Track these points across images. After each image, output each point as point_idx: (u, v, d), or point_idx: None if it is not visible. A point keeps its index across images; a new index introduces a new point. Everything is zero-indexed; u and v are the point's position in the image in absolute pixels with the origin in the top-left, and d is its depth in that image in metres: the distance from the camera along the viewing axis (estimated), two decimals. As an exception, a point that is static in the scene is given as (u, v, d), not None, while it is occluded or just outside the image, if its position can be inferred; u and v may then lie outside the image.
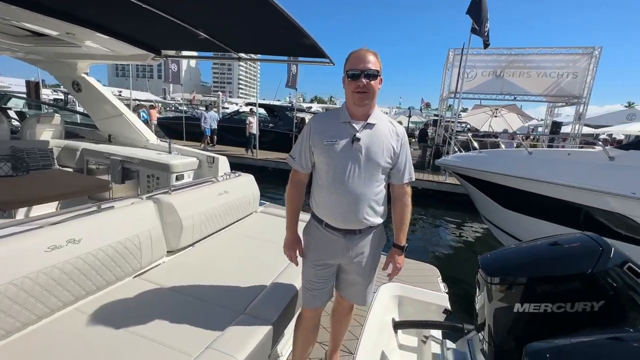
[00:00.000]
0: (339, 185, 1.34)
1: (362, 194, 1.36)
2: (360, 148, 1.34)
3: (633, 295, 1.24)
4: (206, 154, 3.73)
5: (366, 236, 1.45)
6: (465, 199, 6.54)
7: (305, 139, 1.42)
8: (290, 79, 11.83)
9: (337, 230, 1.40)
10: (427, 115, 22.04)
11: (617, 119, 19.29)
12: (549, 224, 3.93)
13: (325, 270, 1.48)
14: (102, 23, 2.57)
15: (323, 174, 1.39)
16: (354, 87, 1.31)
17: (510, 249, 1.68)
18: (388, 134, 1.40)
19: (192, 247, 2.19)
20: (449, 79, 12.10)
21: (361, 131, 1.36)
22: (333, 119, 1.41)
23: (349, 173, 1.34)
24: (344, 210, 1.36)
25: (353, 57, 1.34)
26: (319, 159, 1.39)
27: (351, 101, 1.36)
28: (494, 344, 1.56)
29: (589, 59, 10.62)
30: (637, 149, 3.43)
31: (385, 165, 1.39)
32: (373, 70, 1.31)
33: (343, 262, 1.48)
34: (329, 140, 1.35)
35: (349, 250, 1.43)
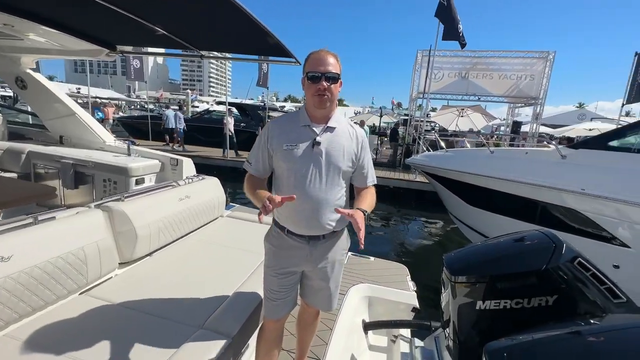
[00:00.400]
0: (301, 190, 1.30)
1: (324, 199, 1.33)
2: (320, 152, 1.32)
3: (582, 288, 1.30)
4: (169, 155, 3.54)
5: (330, 241, 1.42)
6: (434, 197, 6.74)
7: (264, 144, 1.37)
8: (261, 78, 11.65)
9: (300, 237, 1.37)
10: (398, 114, 22.57)
11: (570, 118, 20.94)
12: (511, 219, 4.14)
13: (289, 279, 1.43)
14: (45, 15, 2.34)
15: (284, 180, 1.35)
16: (314, 90, 1.28)
17: (473, 247, 1.73)
18: (348, 138, 1.38)
19: (149, 257, 2.05)
20: (417, 80, 12.44)
21: (321, 135, 1.33)
22: (292, 123, 1.37)
23: (311, 178, 1.31)
24: (307, 216, 1.33)
25: (313, 58, 1.29)
26: (279, 164, 1.35)
27: (311, 104, 1.32)
28: (458, 341, 1.60)
29: (544, 63, 11.35)
30: (585, 148, 3.70)
31: (347, 169, 1.37)
32: (334, 74, 1.28)
33: (307, 268, 1.44)
34: (289, 145, 1.31)
35: (313, 256, 1.39)
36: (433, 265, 5.43)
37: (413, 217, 8.42)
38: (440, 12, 8.98)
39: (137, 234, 1.89)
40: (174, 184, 2.51)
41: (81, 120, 3.72)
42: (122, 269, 1.88)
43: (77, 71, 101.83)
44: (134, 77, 13.01)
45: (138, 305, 1.54)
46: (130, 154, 3.52)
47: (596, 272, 1.31)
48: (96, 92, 27.84)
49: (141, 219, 1.94)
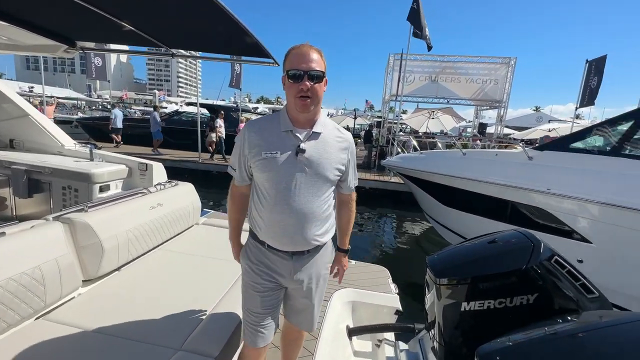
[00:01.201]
0: (283, 203, 1.18)
1: (310, 213, 1.21)
2: (305, 161, 1.18)
3: (559, 284, 1.34)
4: (137, 160, 3.30)
5: (315, 255, 1.30)
6: (409, 198, 6.89)
7: (241, 150, 1.24)
8: (234, 78, 11.35)
9: (282, 252, 1.25)
10: (372, 116, 22.99)
11: (528, 120, 22.45)
12: (484, 219, 4.30)
13: (271, 297, 1.30)
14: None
15: (264, 191, 1.22)
16: (296, 90, 1.13)
17: (455, 248, 1.75)
18: (336, 144, 1.27)
19: (117, 273, 1.88)
20: (390, 82, 12.74)
21: (306, 141, 1.19)
22: (272, 127, 1.22)
23: (295, 189, 1.18)
24: (291, 231, 1.21)
25: (294, 54, 1.15)
26: (258, 173, 1.21)
27: (293, 107, 1.18)
28: (444, 342, 1.60)
29: (507, 68, 12.04)
30: (550, 150, 3.93)
31: (335, 178, 1.27)
32: (318, 71, 1.13)
33: (290, 286, 1.33)
34: (269, 152, 1.17)
35: (297, 273, 1.28)
36: (412, 265, 5.56)
37: (390, 218, 8.57)
38: (412, 15, 9.26)
39: (104, 248, 1.72)
40: (145, 191, 2.33)
41: (35, 122, 3.38)
42: (86, 287, 1.70)
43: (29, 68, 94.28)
44: (96, 76, 12.24)
45: (105, 328, 1.38)
46: (93, 158, 3.25)
47: (571, 269, 1.36)
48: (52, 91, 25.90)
49: (107, 230, 1.77)
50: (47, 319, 1.41)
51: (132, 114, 23.25)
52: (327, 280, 1.45)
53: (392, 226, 8.12)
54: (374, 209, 8.88)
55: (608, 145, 3.65)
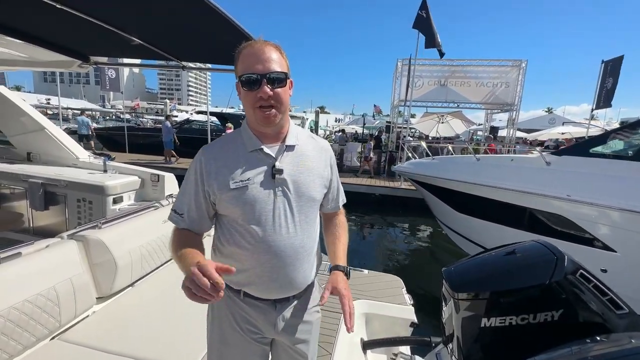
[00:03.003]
0: (269, 241, 0.95)
1: (302, 247, 0.99)
2: (285, 182, 0.97)
3: (586, 300, 1.27)
4: (150, 171, 3.34)
5: (301, 298, 1.07)
6: (420, 203, 6.78)
7: (197, 186, 0.96)
8: (243, 87, 11.48)
9: (263, 301, 1.01)
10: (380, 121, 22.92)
11: (541, 122, 21.99)
12: (500, 226, 4.18)
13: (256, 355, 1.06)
14: (10, 24, 2.15)
15: (239, 229, 0.96)
16: (253, 99, 0.91)
17: (472, 260, 1.68)
18: (315, 155, 1.05)
19: (131, 288, 1.87)
20: (398, 88, 12.67)
21: (280, 158, 0.98)
22: (235, 149, 0.98)
23: (280, 221, 0.96)
24: (280, 275, 0.97)
25: (246, 54, 0.91)
26: (228, 209, 0.95)
27: (254, 120, 0.95)
28: (463, 357, 1.53)
29: (518, 71, 11.85)
30: (568, 155, 3.81)
31: (320, 197, 1.06)
32: (279, 73, 0.90)
33: (276, 337, 1.08)
34: (238, 182, 0.93)
35: (280, 324, 1.03)
36: (426, 275, 5.44)
37: (401, 225, 8.44)
38: (418, 23, 9.24)
39: (117, 264, 1.72)
40: (157, 204, 2.34)
41: (51, 135, 3.47)
42: (100, 304, 1.70)
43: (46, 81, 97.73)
44: (109, 88, 12.55)
45: (119, 348, 1.37)
46: (107, 170, 3.30)
47: (598, 284, 1.29)
48: (68, 103, 26.72)
49: (121, 247, 1.76)
50: (62, 339, 1.40)
51: (145, 123, 23.79)
52: (320, 322, 1.19)
53: (404, 233, 7.99)
54: (385, 216, 8.78)
55: (630, 149, 3.52)
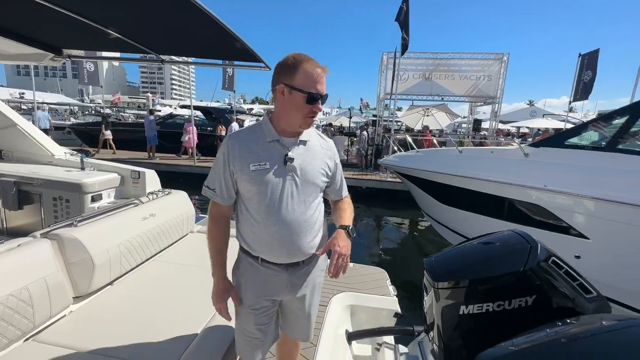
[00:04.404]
0: (277, 215, 1.16)
1: (305, 221, 1.20)
2: (294, 169, 1.18)
3: (557, 285, 1.33)
4: (130, 168, 3.25)
5: (309, 265, 1.29)
6: (406, 196, 6.88)
7: (225, 165, 1.18)
8: (226, 81, 11.28)
9: (277, 265, 1.22)
10: (367, 115, 22.99)
11: (522, 115, 22.58)
12: (481, 216, 4.29)
13: (266, 315, 1.27)
14: None
15: (254, 204, 1.18)
16: (309, 111, 1.14)
17: (452, 251, 1.73)
18: (321, 150, 1.28)
19: (110, 287, 1.84)
20: (384, 82, 12.72)
21: (293, 150, 1.19)
22: (256, 138, 1.20)
23: (287, 200, 1.17)
24: (287, 243, 1.18)
25: (309, 73, 1.11)
26: (247, 187, 1.17)
27: (299, 124, 1.18)
28: (443, 345, 1.58)
29: (500, 64, 12.06)
30: (545, 146, 3.93)
31: (323, 184, 1.27)
32: (326, 95, 1.16)
33: (285, 298, 1.31)
34: (257, 164, 1.15)
35: (293, 284, 1.26)
36: (411, 266, 5.55)
37: (387, 218, 8.55)
38: (400, 16, 9.23)
39: (94, 263, 1.68)
40: (136, 202, 2.29)
41: (23, 132, 3.32)
42: (77, 303, 1.66)
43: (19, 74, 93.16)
44: (88, 82, 12.10)
45: (97, 347, 1.34)
46: (84, 167, 3.20)
47: (569, 270, 1.35)
48: (43, 97, 25.61)
49: (98, 245, 1.72)
50: (37, 340, 1.37)
51: (126, 118, 23.08)
52: (321, 287, 1.43)
53: (390, 226, 8.10)
54: (371, 209, 8.87)
55: (604, 140, 3.65)
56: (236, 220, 1.26)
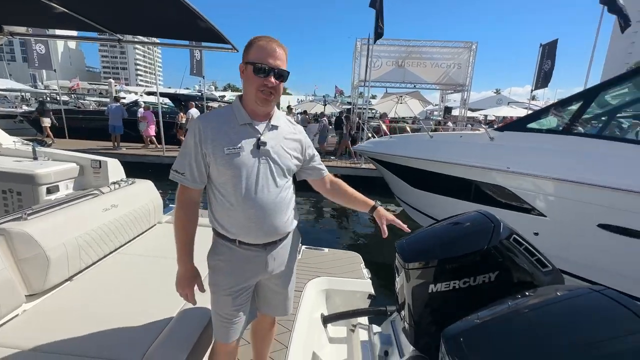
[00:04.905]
0: (254, 198, 1.17)
1: (280, 202, 1.23)
2: (267, 153, 1.20)
3: (518, 261, 1.41)
4: (90, 157, 3.04)
5: (284, 242, 1.33)
6: (381, 182, 7.01)
7: (197, 147, 1.16)
8: (194, 66, 10.76)
9: (255, 246, 1.24)
10: (342, 103, 22.98)
11: (489, 103, 23.59)
12: (450, 199, 4.46)
13: (243, 296, 1.28)
14: None
15: (229, 188, 1.17)
16: (259, 84, 1.13)
17: (421, 233, 1.79)
18: (292, 135, 1.31)
19: (69, 283, 1.72)
20: (358, 69, 12.70)
21: (265, 133, 1.21)
22: (228, 121, 1.19)
23: (262, 183, 1.19)
24: (264, 224, 1.20)
25: (260, 47, 1.13)
26: (220, 171, 1.16)
27: (253, 99, 1.17)
28: (413, 322, 1.65)
29: (469, 52, 12.39)
30: (509, 130, 4.12)
31: (294, 167, 1.31)
32: (284, 71, 1.16)
33: (263, 277, 1.33)
34: (231, 148, 1.14)
35: (271, 263, 1.29)
36: (384, 249, 5.68)
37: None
38: (375, 2, 9.17)
39: (49, 258, 1.56)
40: (96, 192, 2.15)
41: None
42: (31, 302, 1.54)
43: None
44: (39, 65, 11.09)
45: (53, 346, 1.26)
46: (37, 157, 2.95)
47: (528, 246, 1.44)
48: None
49: (53, 239, 1.60)
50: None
51: (87, 105, 21.55)
52: (297, 262, 1.47)
53: (364, 212, 8.26)
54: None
55: (560, 124, 3.88)
56: (209, 205, 1.25)
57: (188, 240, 1.23)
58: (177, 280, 1.24)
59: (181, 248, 1.22)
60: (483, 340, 0.95)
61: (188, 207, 1.22)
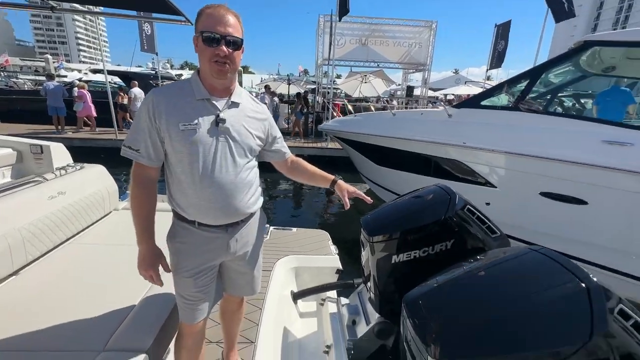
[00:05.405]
0: (211, 177, 1.12)
1: (239, 183, 1.19)
2: (227, 131, 1.15)
3: (471, 229, 1.54)
4: (29, 142, 2.74)
5: (248, 223, 1.30)
6: (347, 162, 7.11)
7: (150, 122, 1.09)
8: (145, 41, 9.88)
9: (215, 227, 1.20)
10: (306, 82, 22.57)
11: (449, 82, 24.49)
12: (412, 175, 4.65)
13: (206, 277, 1.24)
14: None
15: (185, 167, 1.12)
16: (211, 54, 1.07)
17: (385, 208, 1.87)
18: (254, 113, 1.26)
19: (15, 277, 1.59)
20: (322, 46, 12.46)
21: (225, 111, 1.15)
22: (184, 95, 1.13)
23: (221, 161, 1.14)
24: (223, 204, 1.16)
25: (209, 14, 1.07)
26: (177, 148, 1.10)
27: (209, 72, 1.11)
28: (378, 292, 1.76)
29: (429, 32, 12.61)
30: (465, 107, 4.32)
31: (257, 147, 1.27)
32: (236, 37, 1.08)
33: (226, 259, 1.30)
34: (187, 124, 1.08)
35: (233, 244, 1.26)
36: (351, 226, 5.85)
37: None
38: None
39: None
40: (38, 179, 1.96)
41: None
42: None
43: None
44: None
45: (4, 344, 1.18)
46: (-37, 143, 2.60)
47: (480, 215, 1.57)
48: None
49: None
50: None
51: (21, 85, 19.14)
52: (263, 242, 1.46)
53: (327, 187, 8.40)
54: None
55: (510, 101, 4.15)
56: (166, 184, 1.20)
57: (147, 219, 1.17)
58: (139, 262, 1.19)
59: (140, 228, 1.17)
60: (439, 301, 1.04)
61: (145, 185, 1.16)
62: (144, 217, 1.16)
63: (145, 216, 1.17)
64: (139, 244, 1.18)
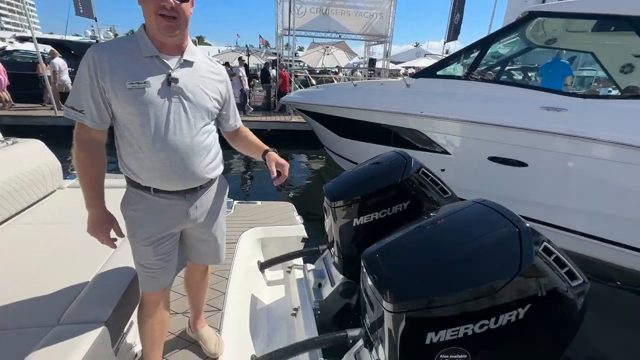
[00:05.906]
0: (164, 140, 1.06)
1: (196, 146, 1.13)
2: (180, 91, 1.07)
3: (425, 191, 1.66)
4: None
5: (208, 189, 1.25)
6: (310, 135, 7.08)
7: (92, 81, 1.00)
8: (79, 3, 8.70)
9: (172, 194, 1.14)
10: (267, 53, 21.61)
11: (409, 55, 24.83)
12: (373, 145, 4.77)
13: (166, 245, 1.20)
14: None
15: (137, 128, 1.04)
16: (156, 6, 0.97)
17: (346, 174, 1.93)
18: (211, 73, 1.18)
19: None
20: (281, 15, 11.89)
21: (177, 70, 1.08)
22: (130, 51, 1.03)
23: (174, 123, 1.07)
24: (178, 168, 1.10)
25: None
26: (125, 109, 1.03)
27: (155, 27, 1.01)
28: (342, 255, 1.85)
29: (390, 2, 12.48)
30: (422, 77, 4.44)
31: (214, 110, 1.20)
32: None
33: (187, 226, 1.26)
34: (134, 82, 1.00)
35: (192, 211, 1.21)
36: (315, 196, 5.96)
37: (293, 157, 8.76)
38: None
39: None
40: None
41: None
42: None
43: None
44: None
45: None
46: None
47: (434, 178, 1.68)
48: None
49: None
50: None
51: None
52: (226, 210, 1.42)
53: (295, 164, 8.35)
54: (277, 150, 8.88)
55: (463, 71, 4.32)
56: (117, 148, 1.12)
57: (95, 182, 1.10)
58: (88, 225, 1.12)
59: (88, 191, 1.09)
60: (393, 252, 1.12)
61: (91, 147, 1.08)
62: (91, 183, 1.09)
63: (92, 181, 1.09)
64: (87, 208, 1.11)
